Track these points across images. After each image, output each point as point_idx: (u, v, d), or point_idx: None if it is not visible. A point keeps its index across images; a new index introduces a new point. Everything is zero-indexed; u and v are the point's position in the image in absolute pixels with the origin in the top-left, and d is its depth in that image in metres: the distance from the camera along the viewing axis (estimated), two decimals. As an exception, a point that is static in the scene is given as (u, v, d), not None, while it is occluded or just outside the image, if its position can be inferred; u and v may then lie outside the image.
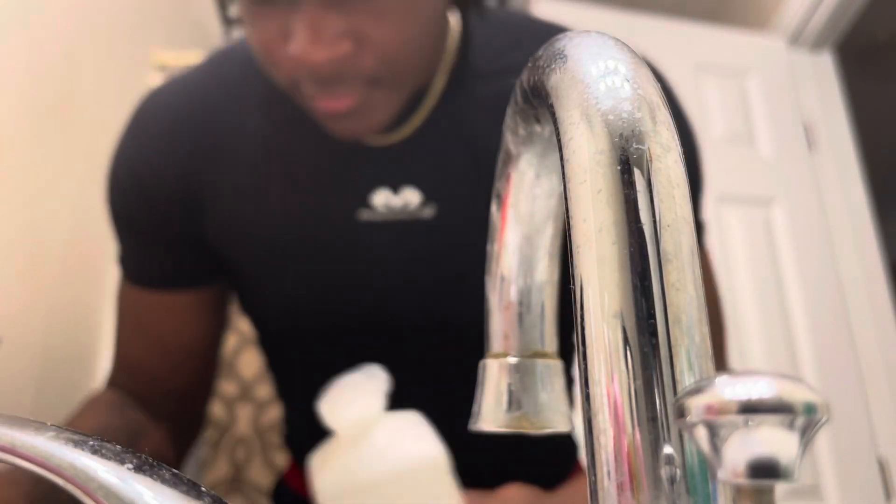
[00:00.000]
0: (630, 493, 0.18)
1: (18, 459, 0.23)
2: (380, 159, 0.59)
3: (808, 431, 0.16)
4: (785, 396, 0.16)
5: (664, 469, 0.18)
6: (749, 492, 0.16)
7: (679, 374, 0.19)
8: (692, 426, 0.17)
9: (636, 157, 0.21)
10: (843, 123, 1.89)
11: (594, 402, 0.20)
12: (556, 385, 0.32)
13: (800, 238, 1.72)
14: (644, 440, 0.19)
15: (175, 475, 0.23)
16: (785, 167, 1.81)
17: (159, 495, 0.22)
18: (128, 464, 0.23)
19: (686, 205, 0.21)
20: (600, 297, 0.20)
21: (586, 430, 0.20)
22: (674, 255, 0.20)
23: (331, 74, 0.49)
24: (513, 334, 0.32)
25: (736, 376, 0.16)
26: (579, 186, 0.21)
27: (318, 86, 0.50)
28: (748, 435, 0.16)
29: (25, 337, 0.92)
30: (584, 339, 0.20)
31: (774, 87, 1.87)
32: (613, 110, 0.21)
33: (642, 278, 0.20)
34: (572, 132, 0.22)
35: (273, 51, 0.50)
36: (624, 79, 0.22)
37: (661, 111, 0.22)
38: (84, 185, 1.13)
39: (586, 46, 0.24)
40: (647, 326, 0.19)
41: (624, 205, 0.20)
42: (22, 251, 0.91)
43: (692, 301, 0.20)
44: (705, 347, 0.20)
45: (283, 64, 0.50)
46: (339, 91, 0.50)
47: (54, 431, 0.24)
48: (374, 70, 0.50)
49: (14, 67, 0.90)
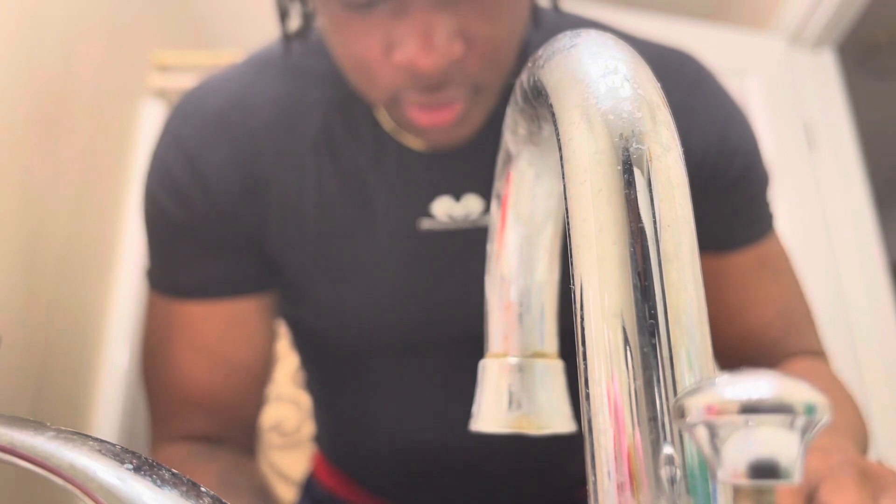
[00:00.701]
0: (630, 493, 0.18)
1: (18, 459, 0.23)
2: (441, 166, 0.57)
3: (809, 431, 0.16)
4: (785, 396, 0.16)
5: (664, 469, 0.18)
6: (749, 492, 0.16)
7: (679, 374, 0.19)
8: (692, 426, 0.17)
9: (636, 157, 0.21)
10: (843, 123, 1.89)
11: (594, 402, 0.20)
12: (557, 385, 0.32)
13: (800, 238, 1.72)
14: (644, 440, 0.19)
15: (175, 475, 0.23)
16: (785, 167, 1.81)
17: (159, 495, 0.22)
18: (127, 464, 0.23)
19: (686, 204, 0.21)
20: (600, 297, 0.20)
21: (586, 430, 0.20)
22: (674, 255, 0.20)
23: (439, 80, 0.47)
24: (513, 334, 0.32)
25: (736, 376, 0.16)
26: (579, 186, 0.21)
27: (424, 94, 0.48)
28: (748, 435, 0.16)
29: (25, 337, 0.92)
30: (584, 339, 0.20)
31: (774, 86, 1.87)
32: (613, 110, 0.21)
33: (642, 278, 0.20)
34: (572, 132, 0.22)
35: (373, 63, 0.47)
36: (624, 79, 0.22)
37: (662, 111, 0.22)
38: (84, 185, 1.13)
39: (586, 46, 0.24)
40: (647, 326, 0.19)
41: (624, 205, 0.20)
42: (22, 251, 0.91)
43: (692, 301, 0.20)
44: (705, 347, 0.20)
45: (385, 76, 0.48)
46: (445, 98, 0.48)
47: (54, 431, 0.24)
48: (479, 72, 0.48)
49: (14, 67, 0.90)
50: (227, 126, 0.57)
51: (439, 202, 0.57)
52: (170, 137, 0.59)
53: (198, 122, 0.58)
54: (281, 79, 0.59)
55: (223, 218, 0.57)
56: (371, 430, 0.67)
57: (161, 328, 0.59)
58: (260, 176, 0.57)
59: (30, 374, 0.93)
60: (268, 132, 0.57)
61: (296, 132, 0.57)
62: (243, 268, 0.59)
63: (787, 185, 1.82)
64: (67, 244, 1.07)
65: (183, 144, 0.57)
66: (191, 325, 0.58)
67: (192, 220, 0.57)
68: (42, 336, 0.97)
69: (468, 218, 0.57)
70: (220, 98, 0.59)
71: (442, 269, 0.59)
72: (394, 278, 0.58)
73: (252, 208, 0.58)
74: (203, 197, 0.57)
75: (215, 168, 0.57)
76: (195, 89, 0.61)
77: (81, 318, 1.16)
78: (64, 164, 1.05)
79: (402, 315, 0.60)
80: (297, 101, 0.58)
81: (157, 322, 0.60)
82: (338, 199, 0.57)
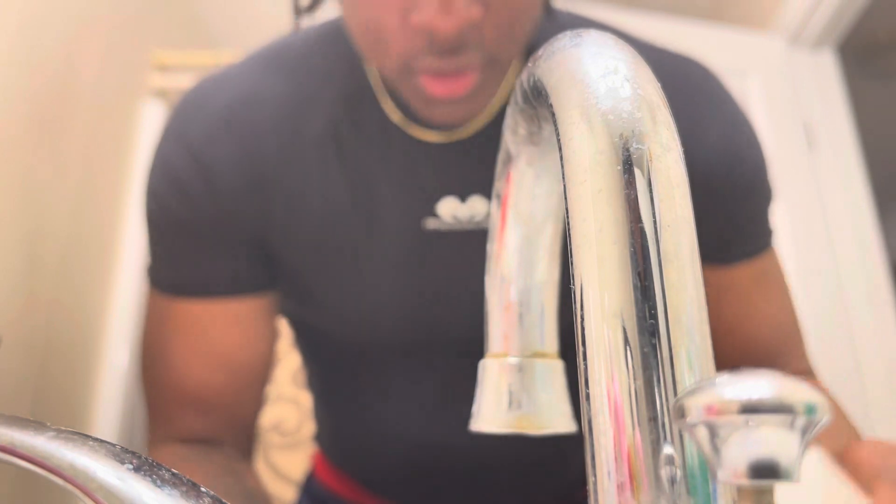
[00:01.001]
0: (630, 493, 0.18)
1: (18, 459, 0.23)
2: (448, 160, 0.57)
3: (809, 432, 0.16)
4: (785, 396, 0.16)
5: (664, 469, 0.18)
6: (749, 492, 0.16)
7: (679, 374, 0.19)
8: (692, 426, 0.17)
9: (636, 157, 0.21)
10: (843, 123, 1.89)
11: (594, 402, 0.20)
12: (557, 385, 0.32)
13: (800, 238, 1.72)
14: (644, 440, 0.19)
15: (175, 475, 0.23)
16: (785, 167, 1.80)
17: (159, 495, 0.22)
18: (127, 464, 0.23)
19: (686, 205, 0.21)
20: (600, 297, 0.20)
21: (586, 430, 0.20)
22: (674, 255, 0.20)
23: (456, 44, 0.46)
24: (513, 334, 0.32)
25: (736, 376, 0.16)
26: (579, 186, 0.21)
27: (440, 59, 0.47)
28: (748, 435, 0.16)
29: (25, 337, 0.92)
30: (584, 339, 0.20)
31: (774, 86, 1.87)
32: (613, 110, 0.21)
33: (642, 278, 0.20)
34: (572, 132, 0.22)
35: (388, 27, 0.47)
36: (624, 79, 0.22)
37: (662, 111, 0.22)
38: (84, 185, 1.13)
39: (586, 46, 0.24)
40: (647, 326, 0.19)
41: (624, 205, 0.20)
42: (22, 251, 0.91)
43: (692, 301, 0.20)
44: (705, 347, 0.20)
45: (400, 40, 0.47)
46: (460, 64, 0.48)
47: (54, 431, 0.24)
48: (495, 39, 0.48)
49: (14, 67, 0.90)
50: (233, 123, 0.57)
51: (445, 202, 0.57)
52: (174, 134, 0.58)
53: (203, 119, 0.57)
54: (286, 75, 0.59)
55: (227, 216, 0.57)
56: (372, 428, 0.67)
57: (160, 327, 0.59)
58: (265, 174, 0.57)
59: (30, 374, 0.93)
60: (273, 130, 0.57)
61: (301, 130, 0.57)
62: (246, 266, 0.58)
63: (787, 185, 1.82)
64: (67, 244, 1.07)
65: (188, 141, 0.57)
66: (191, 324, 0.58)
67: (195, 217, 0.57)
68: (42, 336, 0.97)
69: (473, 219, 0.57)
70: (226, 95, 0.58)
71: (444, 270, 0.58)
72: (396, 277, 0.58)
73: (257, 206, 0.57)
74: (207, 194, 0.56)
75: (220, 165, 0.56)
76: (199, 86, 0.61)
77: (81, 318, 1.16)
78: (64, 164, 1.05)
79: (404, 314, 0.59)
80: (302, 97, 0.58)
81: (156, 320, 0.59)
82: (343, 197, 0.57)
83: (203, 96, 0.59)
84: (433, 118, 0.53)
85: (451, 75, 0.48)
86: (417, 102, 0.52)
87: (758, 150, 0.60)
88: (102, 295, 1.24)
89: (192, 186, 0.56)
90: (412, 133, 0.57)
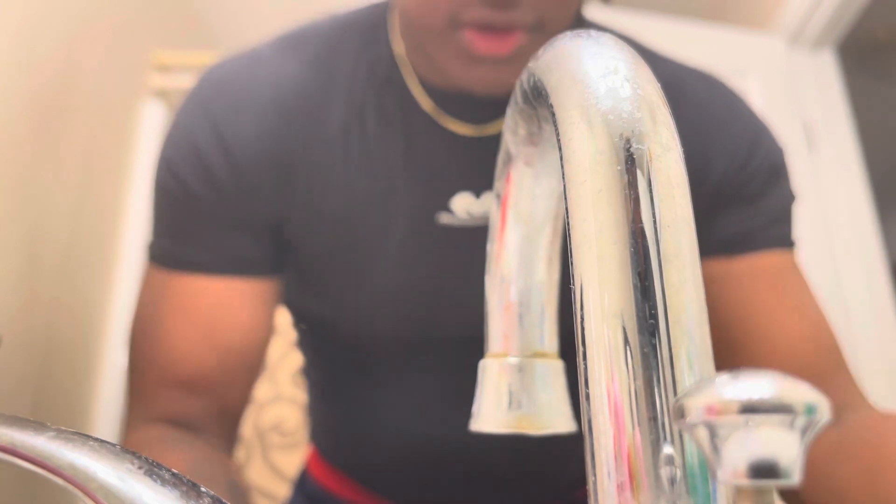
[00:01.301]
0: (630, 493, 0.18)
1: (18, 459, 0.23)
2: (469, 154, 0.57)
3: (809, 432, 0.16)
4: (785, 396, 0.16)
5: (664, 469, 0.18)
6: (749, 492, 0.16)
7: (679, 374, 0.19)
8: (692, 426, 0.17)
9: (636, 157, 0.21)
10: (843, 123, 1.89)
11: (594, 402, 0.20)
12: (557, 385, 0.32)
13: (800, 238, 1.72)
14: (644, 440, 0.19)
15: (175, 475, 0.23)
16: (785, 167, 1.80)
17: (159, 495, 0.22)
18: (128, 464, 0.23)
19: (686, 204, 0.21)
20: (600, 297, 0.20)
21: (586, 430, 0.20)
22: (674, 255, 0.20)
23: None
24: (513, 334, 0.32)
25: (736, 376, 0.16)
26: (579, 186, 0.21)
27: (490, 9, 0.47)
28: (748, 435, 0.16)
29: (26, 336, 0.92)
30: (584, 339, 0.20)
31: (774, 86, 1.87)
32: (613, 110, 0.21)
33: (642, 278, 0.20)
34: (572, 132, 0.22)
35: None
36: (624, 79, 0.22)
37: (662, 111, 0.22)
38: (84, 185, 1.13)
39: (586, 46, 0.24)
40: (647, 326, 0.19)
41: (624, 205, 0.20)
42: (22, 251, 0.91)
43: (692, 301, 0.20)
44: (705, 347, 0.20)
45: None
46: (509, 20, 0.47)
47: (54, 431, 0.24)
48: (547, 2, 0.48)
49: (14, 67, 0.90)
50: (259, 103, 0.56)
51: (460, 198, 0.57)
52: (197, 106, 0.57)
53: (228, 95, 0.56)
54: (313, 59, 0.58)
55: (244, 193, 0.56)
56: (371, 426, 0.67)
57: (157, 302, 0.57)
58: (287, 156, 0.56)
59: (30, 374, 0.93)
60: (298, 112, 0.56)
61: (326, 114, 0.57)
62: (255, 246, 0.57)
63: (787, 185, 1.81)
64: (67, 244, 1.07)
65: (212, 115, 0.56)
66: (190, 300, 0.56)
67: (210, 191, 0.55)
68: (42, 336, 0.97)
69: (486, 216, 0.57)
70: (252, 74, 0.58)
71: (454, 266, 0.58)
72: (405, 270, 0.58)
73: (276, 187, 0.56)
74: (226, 168, 0.55)
75: (242, 142, 0.55)
76: (225, 63, 0.60)
77: (82, 317, 1.16)
78: (64, 163, 1.05)
79: (409, 308, 0.59)
80: (328, 82, 0.57)
81: (152, 296, 0.58)
82: (361, 185, 0.57)
83: (229, 73, 0.58)
84: (471, 80, 0.51)
85: (499, 31, 0.47)
86: (457, 63, 0.50)
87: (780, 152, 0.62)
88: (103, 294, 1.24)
89: (212, 159, 0.55)
90: (443, 123, 0.56)
